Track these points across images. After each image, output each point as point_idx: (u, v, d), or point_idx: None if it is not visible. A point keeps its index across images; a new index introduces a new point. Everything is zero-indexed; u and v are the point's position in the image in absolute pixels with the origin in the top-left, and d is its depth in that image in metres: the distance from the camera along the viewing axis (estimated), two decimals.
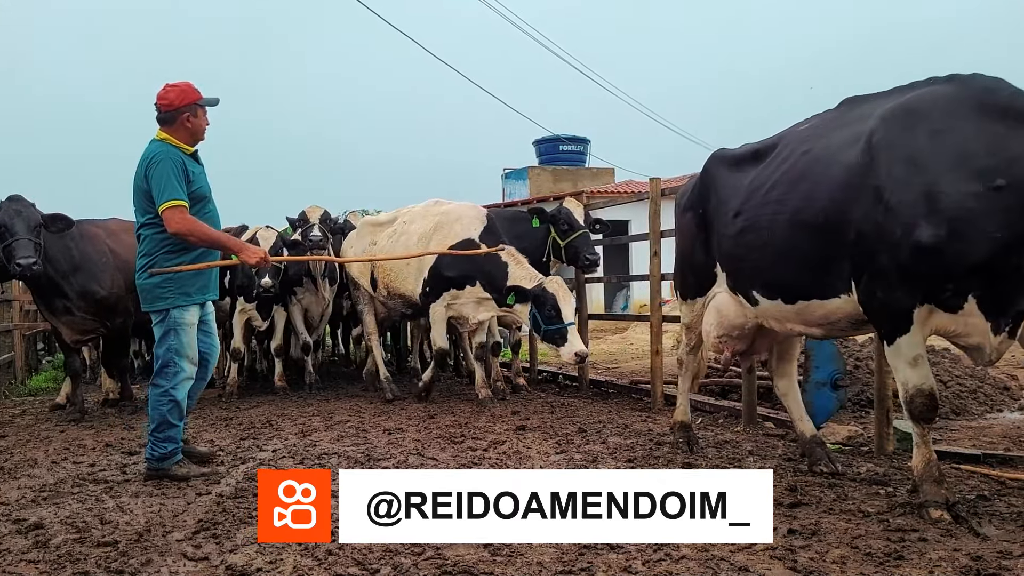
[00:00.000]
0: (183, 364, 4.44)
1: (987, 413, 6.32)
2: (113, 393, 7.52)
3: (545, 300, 6.47)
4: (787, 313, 4.04)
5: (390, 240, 7.70)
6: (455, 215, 7.32)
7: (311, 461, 4.86)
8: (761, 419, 5.88)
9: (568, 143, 29.28)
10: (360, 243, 8.17)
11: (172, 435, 4.42)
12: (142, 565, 3.07)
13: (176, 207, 4.31)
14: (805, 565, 2.91)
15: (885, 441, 4.80)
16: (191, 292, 4.48)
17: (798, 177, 3.84)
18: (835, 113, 3.96)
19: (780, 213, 3.88)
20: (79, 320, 6.73)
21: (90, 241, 6.77)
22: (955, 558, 2.94)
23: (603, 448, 5.07)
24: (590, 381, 8.26)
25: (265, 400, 7.81)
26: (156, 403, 4.41)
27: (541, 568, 2.94)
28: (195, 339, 4.53)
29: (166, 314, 4.43)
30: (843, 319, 3.81)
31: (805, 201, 3.75)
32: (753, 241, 4.08)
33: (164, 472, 4.39)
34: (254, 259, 4.51)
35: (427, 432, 5.74)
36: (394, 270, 7.51)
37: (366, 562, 3.02)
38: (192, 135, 4.55)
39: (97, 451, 5.37)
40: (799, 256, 3.82)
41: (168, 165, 4.35)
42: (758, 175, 4.13)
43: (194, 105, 4.50)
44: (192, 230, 4.35)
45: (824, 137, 3.82)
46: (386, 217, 8.24)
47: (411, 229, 7.51)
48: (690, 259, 4.81)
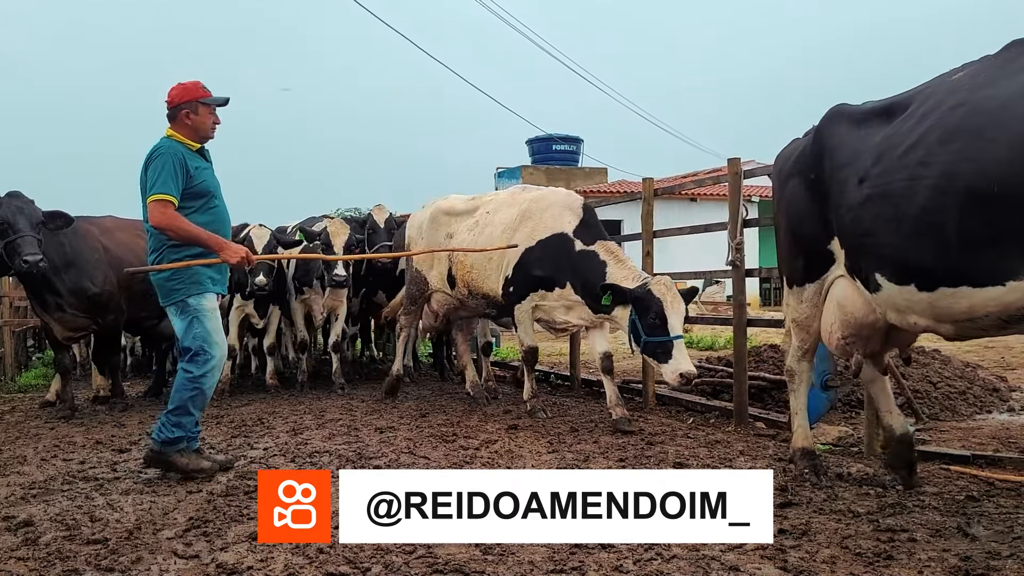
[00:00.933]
0: (213, 350, 4.37)
1: (976, 414, 6.35)
2: (104, 390, 7.50)
3: (648, 305, 5.36)
4: (917, 303, 3.37)
5: (471, 233, 6.79)
6: (544, 203, 6.36)
7: (302, 459, 4.85)
8: (752, 419, 5.89)
9: (561, 142, 29.32)
10: (434, 234, 7.20)
11: (185, 423, 4.33)
12: (132, 563, 3.06)
13: (161, 201, 4.27)
14: (795, 565, 2.92)
15: (875, 441, 4.82)
16: (203, 281, 4.42)
17: (950, 134, 3.18)
18: (1000, 59, 3.28)
19: (922, 178, 3.23)
20: (71, 317, 6.70)
21: (83, 238, 6.74)
22: (944, 558, 2.96)
23: (595, 447, 5.08)
24: (582, 380, 8.26)
25: (257, 398, 7.79)
26: (181, 386, 4.32)
27: (532, 567, 2.94)
28: (220, 324, 4.50)
29: (184, 304, 4.37)
30: (994, 314, 3.14)
31: (960, 163, 3.10)
32: (883, 212, 3.41)
33: (165, 457, 4.31)
34: (235, 258, 4.41)
35: (419, 431, 5.74)
36: (476, 267, 6.66)
37: (357, 560, 3.02)
38: (195, 132, 4.53)
39: (87, 448, 5.35)
40: (948, 231, 3.13)
41: (165, 160, 4.32)
42: (891, 134, 3.48)
43: (194, 102, 4.48)
44: (172, 225, 4.28)
45: (988, 87, 3.17)
46: (464, 205, 7.17)
47: (495, 219, 6.60)
48: (798, 234, 4.07)
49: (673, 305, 5.33)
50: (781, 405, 6.36)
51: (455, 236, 6.98)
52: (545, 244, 6.12)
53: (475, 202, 7.08)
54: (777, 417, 5.83)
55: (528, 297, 6.25)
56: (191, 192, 4.42)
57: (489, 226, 6.62)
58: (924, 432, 5.50)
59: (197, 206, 4.44)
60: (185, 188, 4.39)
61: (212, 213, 4.52)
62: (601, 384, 8.05)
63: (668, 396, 7.05)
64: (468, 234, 6.82)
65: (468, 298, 6.90)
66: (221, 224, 4.61)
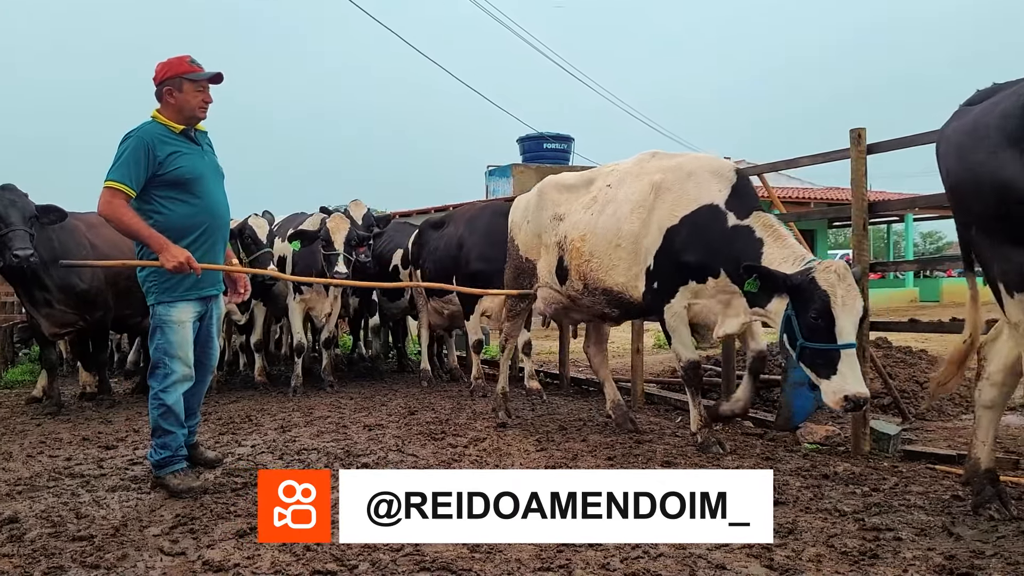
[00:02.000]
0: (174, 365, 4.05)
1: (962, 414, 6.39)
2: (91, 387, 7.46)
3: (811, 297, 4.07)
4: None
5: (588, 212, 5.44)
6: (685, 170, 4.99)
7: (291, 457, 4.84)
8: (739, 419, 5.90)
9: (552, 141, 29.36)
10: (539, 216, 5.87)
11: (167, 442, 4.06)
12: (118, 560, 3.05)
13: (111, 188, 3.93)
14: (781, 563, 2.94)
15: (861, 441, 4.84)
16: (177, 287, 4.07)
17: None
18: None
19: None
20: (59, 313, 6.67)
21: (70, 233, 6.71)
22: (929, 557, 2.98)
23: (583, 446, 5.08)
24: (571, 379, 8.27)
25: (245, 395, 7.77)
26: (150, 405, 4.11)
27: (520, 565, 2.95)
28: (188, 338, 4.12)
29: (152, 310, 4.11)
30: None
31: None
32: None
33: (160, 480, 4.05)
34: (172, 263, 3.91)
35: (408, 428, 5.73)
36: (596, 254, 5.29)
37: (344, 558, 3.02)
38: (178, 111, 4.13)
39: (74, 445, 5.32)
40: None
41: (129, 144, 3.98)
42: None
43: (177, 78, 4.09)
44: (113, 216, 3.93)
45: None
46: (576, 179, 5.82)
47: (620, 195, 5.26)
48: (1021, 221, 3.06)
49: (845, 301, 4.02)
50: (769, 404, 6.39)
51: (566, 218, 5.62)
52: (692, 221, 4.84)
53: (592, 173, 5.77)
54: (765, 416, 5.86)
55: (679, 293, 4.88)
56: (164, 180, 4.04)
57: (612, 203, 5.29)
58: (911, 432, 5.53)
59: (175, 196, 4.08)
60: (156, 175, 4.02)
61: (195, 205, 4.13)
62: (590, 383, 8.07)
63: (657, 395, 7.07)
64: (585, 213, 5.47)
65: (583, 295, 5.53)
66: (208, 217, 4.20)
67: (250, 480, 4.22)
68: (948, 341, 5.65)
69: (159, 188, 4.06)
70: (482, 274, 7.19)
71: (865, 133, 4.94)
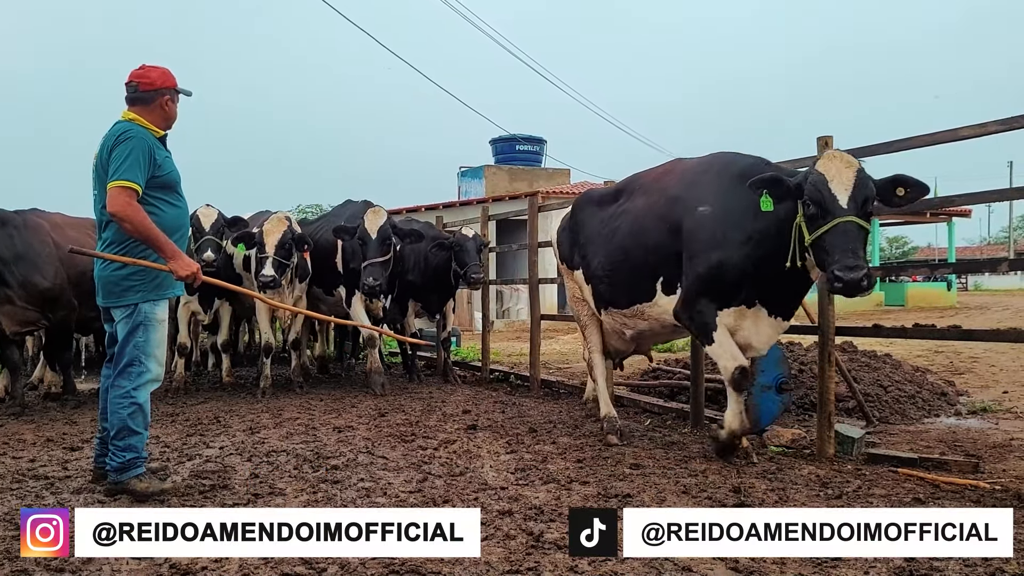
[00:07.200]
0: (150, 364, 4.06)
1: (925, 418, 6.51)
2: (55, 387, 7.37)
3: None
4: None
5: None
6: None
7: (259, 459, 4.81)
8: (708, 421, 5.97)
9: (525, 143, 29.49)
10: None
11: (133, 443, 4.00)
12: (83, 563, 3.02)
13: (125, 188, 3.92)
14: (746, 565, 2.98)
15: (826, 444, 4.92)
16: (163, 285, 4.13)
17: None
18: None
19: None
20: (20, 311, 6.57)
21: (34, 232, 6.62)
22: (890, 560, 3.04)
23: (553, 448, 5.11)
24: (541, 381, 8.30)
25: (213, 396, 7.71)
26: (116, 406, 4.00)
27: (489, 567, 2.96)
28: (164, 338, 4.21)
29: (135, 308, 4.04)
30: None
31: None
32: None
33: (122, 486, 3.97)
34: (185, 272, 4.00)
35: (377, 430, 5.72)
36: None
37: (313, 560, 3.02)
38: (165, 119, 4.27)
39: (38, 446, 5.24)
40: None
41: (134, 144, 4.00)
42: None
43: (173, 90, 4.28)
44: (131, 217, 3.91)
45: None
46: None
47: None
48: None
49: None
50: None
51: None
52: None
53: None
54: None
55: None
56: (159, 183, 4.13)
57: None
58: (874, 435, 5.62)
59: (166, 198, 4.18)
60: (153, 177, 4.09)
61: (180, 207, 4.29)
62: (561, 385, 8.12)
63: (626, 398, 7.12)
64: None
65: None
66: (186, 218, 4.41)
67: (218, 483, 4.20)
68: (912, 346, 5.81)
69: (153, 190, 4.13)
70: (730, 267, 4.50)
71: (832, 140, 5.01)
